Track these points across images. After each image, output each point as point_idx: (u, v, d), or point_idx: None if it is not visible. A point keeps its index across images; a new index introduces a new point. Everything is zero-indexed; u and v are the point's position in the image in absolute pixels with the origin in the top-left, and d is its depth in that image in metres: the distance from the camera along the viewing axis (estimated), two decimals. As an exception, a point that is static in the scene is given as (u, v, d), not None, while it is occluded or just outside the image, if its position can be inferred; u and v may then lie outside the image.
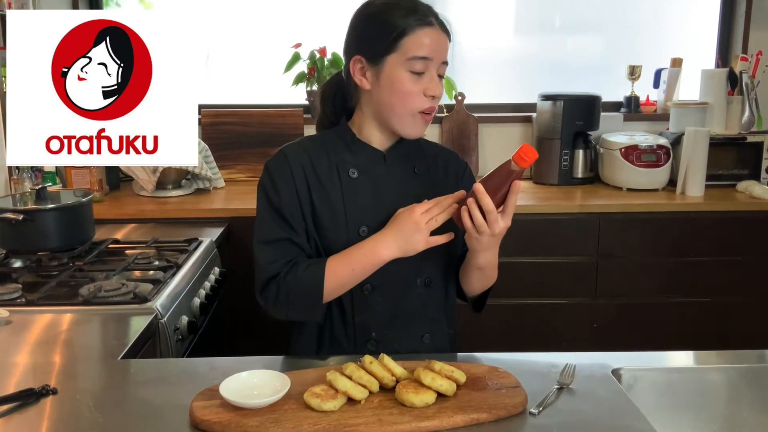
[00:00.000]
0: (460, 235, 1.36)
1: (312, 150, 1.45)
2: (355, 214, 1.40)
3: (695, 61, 3.17)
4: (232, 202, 2.70)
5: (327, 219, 1.41)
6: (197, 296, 1.95)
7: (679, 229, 2.64)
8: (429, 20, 1.34)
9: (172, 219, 2.52)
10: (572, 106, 2.88)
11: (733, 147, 2.87)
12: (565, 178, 2.92)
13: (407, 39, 1.33)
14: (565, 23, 3.31)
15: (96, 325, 1.59)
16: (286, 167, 1.42)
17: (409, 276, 1.43)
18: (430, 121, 1.40)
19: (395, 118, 1.38)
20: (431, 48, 1.33)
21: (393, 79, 1.35)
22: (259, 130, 3.07)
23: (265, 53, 3.16)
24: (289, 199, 1.40)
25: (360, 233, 1.39)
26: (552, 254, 2.66)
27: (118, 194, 2.81)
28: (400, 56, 1.33)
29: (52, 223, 1.99)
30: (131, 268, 1.94)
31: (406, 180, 1.44)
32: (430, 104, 1.36)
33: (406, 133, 1.40)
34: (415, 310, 1.46)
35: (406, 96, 1.35)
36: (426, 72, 1.34)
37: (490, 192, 1.24)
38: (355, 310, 1.43)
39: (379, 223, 1.38)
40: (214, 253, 2.23)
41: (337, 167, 1.42)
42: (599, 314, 2.68)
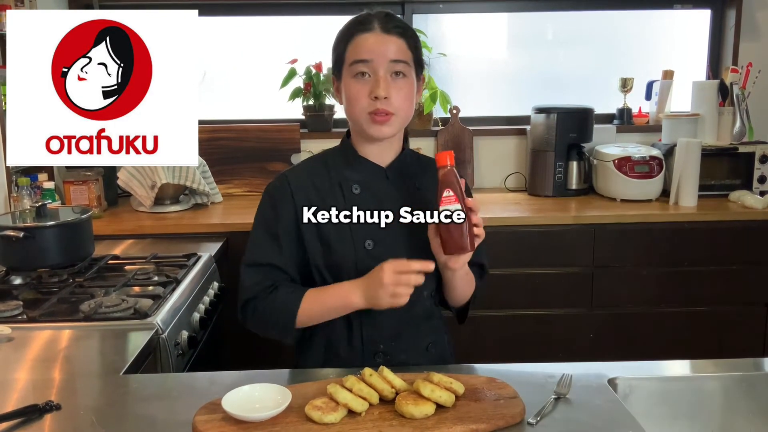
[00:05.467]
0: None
1: (313, 170, 1.49)
2: (359, 229, 1.41)
3: (686, 73, 3.22)
4: (230, 216, 2.72)
5: (333, 236, 1.43)
6: (197, 311, 1.96)
7: (673, 239, 2.67)
8: (369, 26, 1.39)
9: (171, 234, 2.54)
10: (566, 119, 2.91)
11: (725, 157, 2.90)
12: (559, 189, 2.95)
13: (349, 48, 1.40)
14: (558, 37, 3.35)
15: (97, 341, 1.61)
16: (286, 189, 1.45)
17: (417, 289, 1.41)
18: (386, 122, 1.38)
19: (356, 124, 1.43)
20: (369, 50, 1.37)
21: (346, 88, 1.42)
22: (256, 145, 3.10)
23: (262, 69, 3.19)
24: (287, 222, 1.43)
25: (366, 247, 1.42)
26: (547, 265, 2.68)
27: (116, 210, 2.82)
28: (347, 66, 1.40)
29: (53, 240, 2.01)
30: (131, 283, 1.95)
31: (408, 196, 1.46)
32: (377, 105, 1.37)
33: (369, 136, 1.42)
34: (421, 322, 1.49)
35: (353, 100, 1.39)
36: (371, 74, 1.38)
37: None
38: (363, 324, 1.45)
39: (384, 236, 1.41)
40: (212, 267, 2.24)
41: (340, 184, 1.45)
42: (595, 324, 2.70)
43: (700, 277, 2.69)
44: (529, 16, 3.31)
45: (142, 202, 2.71)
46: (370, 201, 1.43)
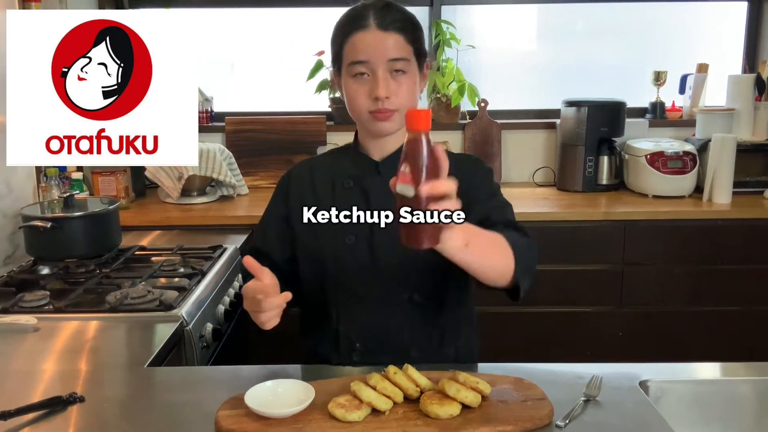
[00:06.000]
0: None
1: (320, 163, 1.55)
2: (343, 224, 1.36)
3: (721, 66, 3.14)
4: (256, 208, 2.71)
5: (318, 227, 1.38)
6: (222, 303, 1.96)
7: (706, 237, 2.61)
8: (364, 24, 1.36)
9: (197, 226, 2.54)
10: (597, 113, 2.86)
11: (760, 153, 2.83)
12: (589, 184, 2.90)
13: (346, 48, 1.37)
14: (589, 28, 3.29)
15: (122, 332, 1.61)
16: (285, 182, 1.54)
17: (395, 291, 1.41)
18: (388, 118, 1.35)
19: (357, 122, 1.42)
20: (366, 51, 1.34)
21: (345, 87, 1.39)
22: (283, 137, 3.09)
23: (289, 61, 3.18)
24: (276, 213, 1.52)
25: (347, 241, 1.41)
26: (576, 262, 2.63)
27: (144, 201, 2.84)
28: (345, 65, 1.38)
29: (80, 231, 2.02)
30: (157, 275, 1.96)
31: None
32: (378, 106, 1.34)
33: (372, 132, 1.41)
34: (403, 327, 1.43)
35: (353, 100, 1.38)
36: (371, 74, 1.35)
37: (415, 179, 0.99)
38: (340, 319, 1.45)
39: (366, 236, 1.40)
40: (238, 260, 2.23)
41: (335, 178, 1.46)
42: (625, 323, 2.65)
43: (734, 276, 2.63)
44: (560, 7, 3.25)
45: (170, 194, 2.71)
46: (357, 196, 1.42)
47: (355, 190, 1.44)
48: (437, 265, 1.35)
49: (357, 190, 1.44)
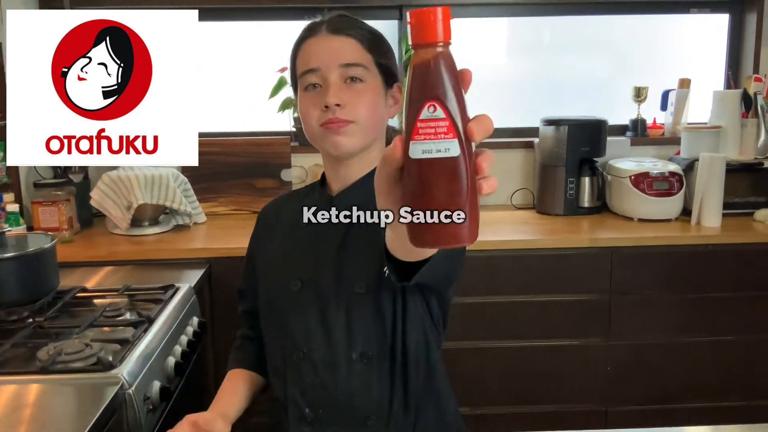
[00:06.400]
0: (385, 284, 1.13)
1: (291, 198, 1.41)
2: (289, 266, 1.27)
3: (703, 81, 3.01)
4: (214, 239, 2.49)
5: (267, 271, 1.32)
6: (172, 354, 1.73)
7: (697, 263, 2.46)
8: (315, 30, 1.21)
9: (148, 261, 2.31)
10: (577, 131, 2.70)
11: (748, 173, 2.69)
12: (571, 207, 2.74)
13: (297, 58, 1.24)
14: (565, 43, 3.14)
15: (54, 397, 1.39)
16: (258, 218, 1.45)
17: (341, 348, 1.21)
18: (342, 129, 1.17)
19: (314, 144, 1.24)
20: (316, 57, 1.19)
21: (299, 104, 1.23)
22: (243, 160, 2.87)
23: (249, 78, 2.96)
24: (249, 255, 1.45)
25: (292, 287, 1.24)
26: (560, 292, 2.46)
27: (90, 233, 2.59)
28: (298, 79, 1.23)
29: (11, 274, 1.78)
30: (98, 323, 1.73)
31: (352, 232, 1.22)
32: (329, 116, 1.16)
33: (330, 154, 1.23)
34: (355, 390, 1.22)
35: (305, 116, 1.21)
36: (323, 84, 1.18)
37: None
38: (288, 380, 1.26)
39: (312, 280, 1.23)
40: (192, 300, 2.01)
41: (299, 216, 1.27)
42: (613, 357, 2.48)
43: (727, 305, 2.48)
44: (533, 21, 3.10)
45: (118, 224, 2.48)
46: (309, 238, 1.26)
47: (309, 230, 1.26)
48: (394, 315, 1.18)
49: (310, 230, 1.26)
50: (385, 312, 1.18)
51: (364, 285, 1.18)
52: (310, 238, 1.26)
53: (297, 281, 1.24)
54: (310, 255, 1.25)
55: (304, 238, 1.27)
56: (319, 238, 1.25)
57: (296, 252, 1.28)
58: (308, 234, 1.27)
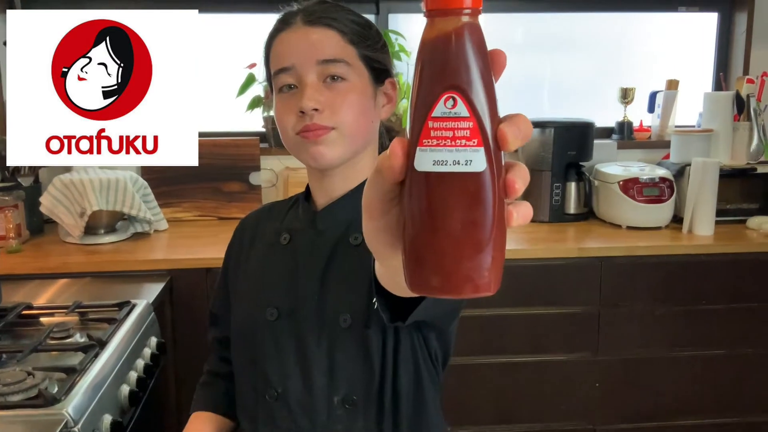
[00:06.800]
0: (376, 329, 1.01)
1: (268, 213, 1.22)
2: (265, 291, 1.10)
3: (691, 82, 2.89)
4: (177, 249, 2.30)
5: (242, 294, 1.15)
6: (126, 382, 1.55)
7: (689, 274, 2.33)
8: (289, 21, 1.04)
9: (104, 273, 2.11)
10: (564, 134, 2.56)
11: (740, 179, 2.58)
12: (556, 214, 2.60)
13: (271, 55, 1.08)
14: (549, 42, 3.00)
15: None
16: (235, 231, 1.27)
17: (321, 391, 1.04)
18: (321, 137, 1.01)
19: (292, 153, 1.07)
20: (289, 53, 1.02)
21: (275, 109, 1.06)
22: (209, 162, 2.68)
23: (215, 74, 2.77)
24: (223, 273, 1.27)
25: (268, 316, 1.07)
26: (546, 305, 2.32)
27: (40, 241, 2.38)
28: (272, 78, 1.06)
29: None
30: (42, 347, 1.54)
31: (337, 254, 1.07)
32: (305, 122, 1.01)
33: (310, 164, 1.07)
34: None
35: (280, 122, 1.05)
36: (299, 84, 1.02)
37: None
38: (259, 422, 1.09)
39: (290, 309, 1.06)
40: (150, 318, 1.83)
41: (280, 231, 1.14)
42: (602, 372, 2.35)
43: (720, 318, 2.36)
44: (516, 18, 2.96)
45: (70, 232, 2.27)
46: (288, 259, 1.10)
47: (288, 249, 1.11)
48: (384, 353, 1.01)
49: (289, 249, 1.10)
50: (373, 349, 1.01)
51: (349, 317, 1.01)
52: (290, 260, 1.10)
53: (273, 309, 1.08)
54: (289, 280, 1.08)
55: (284, 259, 1.11)
56: (300, 260, 1.09)
57: (274, 275, 1.11)
58: (288, 255, 1.11)
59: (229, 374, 1.23)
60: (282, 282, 1.09)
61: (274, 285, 1.10)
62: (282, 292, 1.08)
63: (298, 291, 1.07)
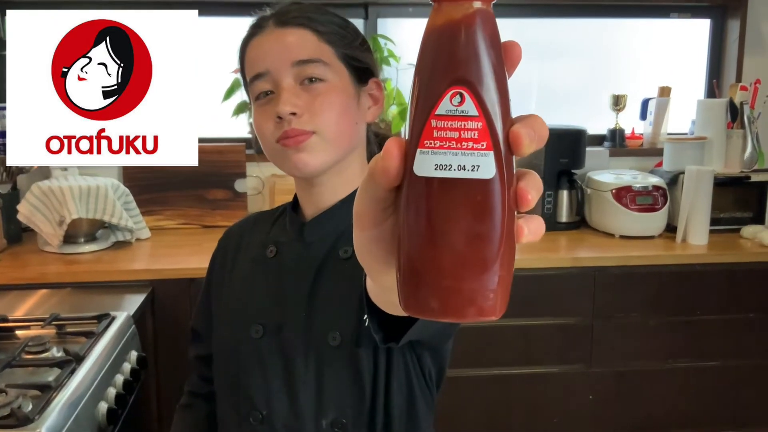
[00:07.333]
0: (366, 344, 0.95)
1: (253, 224, 1.16)
2: (250, 307, 1.04)
3: (683, 89, 2.87)
4: (159, 259, 2.24)
5: (226, 310, 1.09)
6: (104, 399, 1.49)
7: (684, 284, 2.30)
8: (262, 25, 0.99)
9: (83, 284, 2.04)
10: (556, 142, 2.52)
11: (734, 187, 2.55)
12: (549, 223, 2.53)
13: (245, 63, 1.03)
14: (540, 48, 2.96)
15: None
16: (220, 242, 1.21)
17: (309, 414, 0.98)
18: (300, 143, 0.95)
19: (275, 163, 1.01)
20: (263, 58, 0.98)
21: (253, 116, 1.02)
22: (193, 169, 2.61)
23: (201, 79, 2.71)
24: (205, 286, 1.20)
25: (252, 334, 1.00)
26: (539, 316, 2.27)
27: (18, 250, 2.30)
28: (249, 87, 1.02)
29: None
30: (17, 362, 1.47)
31: (326, 268, 1.01)
32: (284, 128, 0.95)
33: (294, 174, 1.01)
34: None
35: (260, 131, 0.99)
36: (274, 89, 0.97)
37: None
38: None
39: (276, 326, 1.00)
40: (131, 331, 1.76)
41: (266, 243, 1.08)
42: (596, 384, 2.30)
43: (714, 328, 2.32)
44: (507, 24, 2.92)
45: (49, 241, 2.20)
46: (274, 272, 1.04)
47: (274, 263, 1.05)
48: (375, 374, 0.95)
49: (275, 263, 1.05)
50: (364, 369, 0.95)
51: (338, 335, 0.95)
52: (277, 274, 1.04)
53: (258, 327, 1.01)
54: (276, 295, 1.02)
55: (270, 273, 1.05)
56: (287, 274, 1.03)
57: (259, 290, 1.05)
58: (274, 268, 1.05)
59: (210, 394, 1.17)
60: (268, 298, 1.03)
61: (259, 301, 1.04)
62: (268, 308, 1.02)
63: (284, 307, 1.01)
